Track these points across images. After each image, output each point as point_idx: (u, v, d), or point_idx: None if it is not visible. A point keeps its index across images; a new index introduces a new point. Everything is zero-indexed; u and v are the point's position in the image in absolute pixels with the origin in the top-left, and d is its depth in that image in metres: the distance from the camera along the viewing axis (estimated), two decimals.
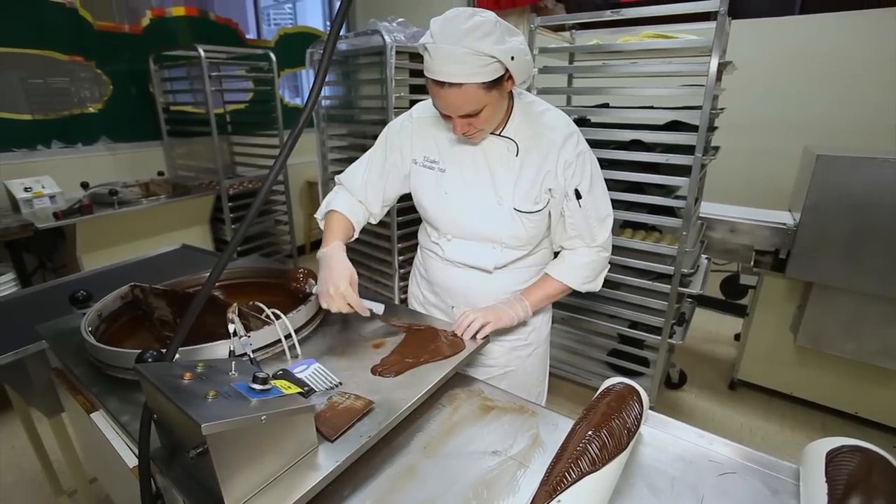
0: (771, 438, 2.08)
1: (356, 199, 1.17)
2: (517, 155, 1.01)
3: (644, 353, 2.09)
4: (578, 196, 1.02)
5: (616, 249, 1.20)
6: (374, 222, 1.22)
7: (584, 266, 1.10)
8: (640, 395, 0.78)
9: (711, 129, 1.68)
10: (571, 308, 2.19)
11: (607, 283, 1.18)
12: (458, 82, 0.84)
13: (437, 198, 1.09)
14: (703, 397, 2.38)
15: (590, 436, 0.66)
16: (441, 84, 0.86)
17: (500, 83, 0.88)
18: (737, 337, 2.79)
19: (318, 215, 1.19)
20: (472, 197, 1.05)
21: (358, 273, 1.01)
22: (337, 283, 0.95)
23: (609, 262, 1.15)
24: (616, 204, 1.11)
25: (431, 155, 1.09)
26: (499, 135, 1.02)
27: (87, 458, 1.36)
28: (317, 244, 4.50)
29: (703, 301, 3.05)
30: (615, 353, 2.18)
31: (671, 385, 2.43)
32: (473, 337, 1.01)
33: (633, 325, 2.05)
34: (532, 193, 1.02)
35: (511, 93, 1.00)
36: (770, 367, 2.26)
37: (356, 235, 1.16)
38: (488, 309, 1.06)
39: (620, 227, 2.06)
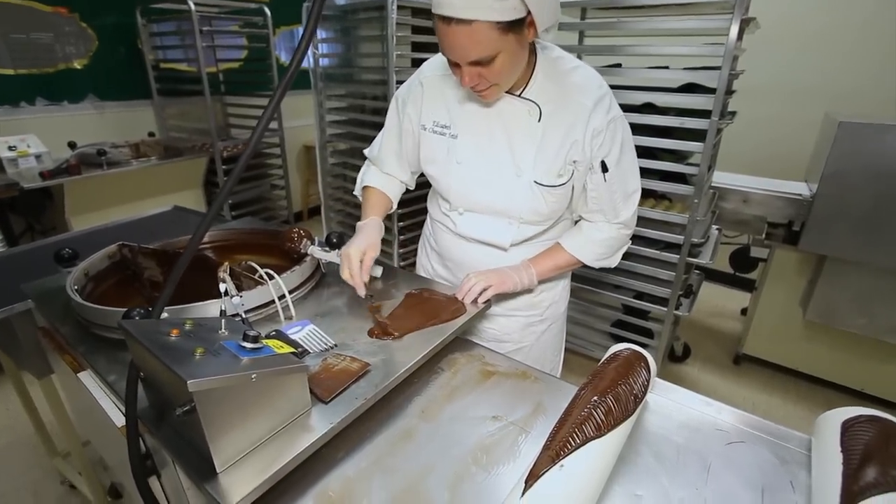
0: (774, 412, 2.08)
1: (384, 172, 1.13)
2: (539, 120, 0.90)
3: (649, 325, 2.07)
4: (605, 169, 0.92)
5: None
6: (411, 187, 1.18)
7: (601, 242, 1.02)
8: (647, 361, 0.75)
9: (729, 91, 1.60)
10: (576, 278, 2.14)
11: None
12: (467, 18, 0.72)
13: (448, 167, 1.00)
14: (706, 371, 2.37)
15: (595, 401, 0.63)
16: (448, 21, 0.73)
17: (519, 27, 0.76)
18: (744, 311, 2.77)
19: (356, 191, 1.19)
20: (488, 167, 0.96)
21: None
22: (348, 248, 0.95)
23: (630, 239, 1.07)
24: None
25: (442, 119, 0.99)
26: (518, 96, 0.91)
27: (78, 419, 1.35)
28: (314, 210, 4.46)
29: (711, 275, 3.02)
30: (619, 324, 2.16)
31: (675, 358, 2.42)
32: (475, 301, 0.97)
33: (639, 295, 2.02)
34: (556, 165, 0.91)
35: (535, 47, 0.89)
36: (776, 341, 2.24)
37: (394, 206, 1.16)
38: (491, 272, 1.01)
39: None
